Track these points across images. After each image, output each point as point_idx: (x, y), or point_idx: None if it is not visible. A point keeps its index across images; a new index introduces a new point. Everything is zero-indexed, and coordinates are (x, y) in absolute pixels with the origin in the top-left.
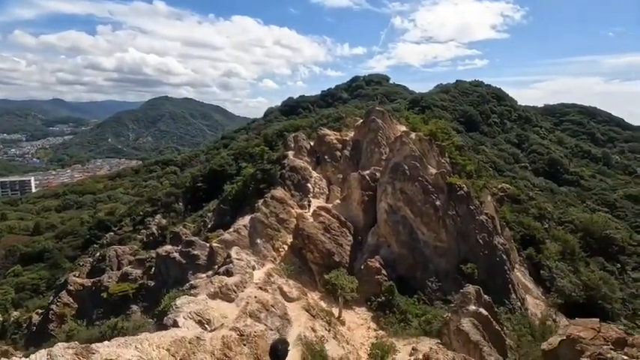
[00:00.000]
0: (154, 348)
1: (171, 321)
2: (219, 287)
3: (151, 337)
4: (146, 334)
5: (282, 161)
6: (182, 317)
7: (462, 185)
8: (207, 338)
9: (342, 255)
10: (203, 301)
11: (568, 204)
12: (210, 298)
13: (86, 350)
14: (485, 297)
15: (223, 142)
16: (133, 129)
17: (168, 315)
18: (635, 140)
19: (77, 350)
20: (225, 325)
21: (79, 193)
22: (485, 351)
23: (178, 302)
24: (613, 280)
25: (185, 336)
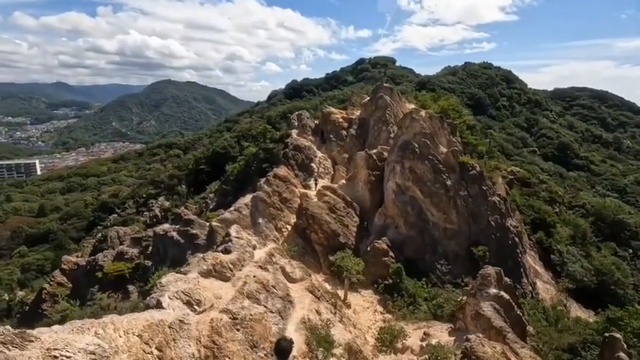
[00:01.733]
0: (120, 334)
1: (155, 301)
2: (212, 265)
3: (118, 321)
4: (112, 317)
5: (285, 140)
6: (167, 297)
7: (474, 165)
8: (193, 322)
9: (348, 236)
10: (194, 280)
11: (577, 189)
12: (202, 277)
13: (21, 337)
14: (506, 279)
15: (226, 125)
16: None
17: (152, 295)
18: None
19: (7, 338)
20: (216, 306)
21: (83, 176)
22: (510, 338)
23: (164, 280)
24: (625, 266)
25: (164, 319)
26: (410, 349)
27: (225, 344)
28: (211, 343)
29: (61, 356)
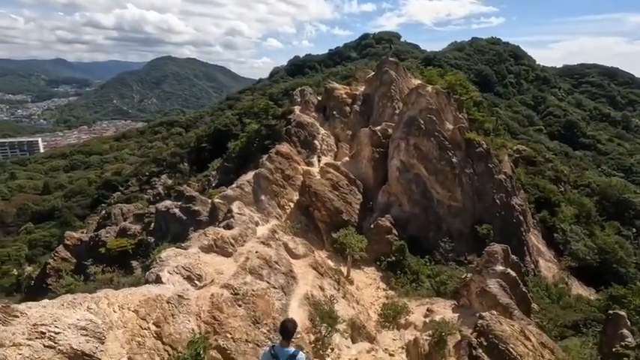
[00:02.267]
0: (115, 309)
1: (154, 276)
2: (213, 240)
3: (113, 295)
4: (107, 291)
5: (287, 116)
6: (167, 272)
7: (481, 142)
8: (192, 297)
9: (351, 213)
10: (194, 255)
11: (582, 168)
12: (203, 252)
13: (4, 312)
14: (512, 257)
15: (228, 103)
16: (137, 90)
17: (151, 269)
18: None
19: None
20: (217, 282)
21: (85, 154)
22: (517, 315)
23: (163, 255)
24: (628, 245)
25: (162, 294)
26: (413, 325)
27: (226, 320)
28: (212, 319)
29: (48, 332)
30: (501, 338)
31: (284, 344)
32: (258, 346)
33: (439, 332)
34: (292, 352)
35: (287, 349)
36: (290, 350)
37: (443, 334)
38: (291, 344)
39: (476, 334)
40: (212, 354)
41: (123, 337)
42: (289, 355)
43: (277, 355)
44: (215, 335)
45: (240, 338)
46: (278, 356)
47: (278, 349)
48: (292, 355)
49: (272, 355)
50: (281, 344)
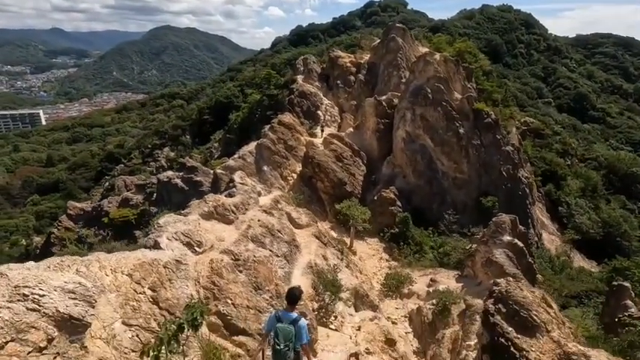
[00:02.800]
0: (107, 272)
1: (152, 242)
2: (214, 207)
3: (105, 259)
4: (99, 254)
5: (290, 86)
6: (165, 238)
7: (489, 112)
8: (191, 262)
9: (355, 185)
10: (194, 222)
11: (590, 141)
12: (203, 219)
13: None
14: (520, 227)
15: (229, 75)
16: (137, 61)
17: (149, 235)
18: None
19: None
20: (217, 247)
21: (87, 126)
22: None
23: (161, 221)
24: (633, 219)
25: (158, 258)
26: (416, 295)
27: (226, 286)
28: (211, 285)
29: (32, 294)
30: (523, 305)
31: (289, 309)
32: (260, 313)
33: (443, 301)
34: (295, 317)
35: (291, 313)
36: (293, 315)
37: (447, 302)
38: (295, 311)
39: (492, 300)
40: (212, 319)
41: (116, 302)
42: (292, 320)
43: (281, 319)
44: (215, 301)
45: (240, 304)
46: (282, 319)
47: (283, 313)
48: (295, 320)
49: (277, 318)
50: (286, 309)
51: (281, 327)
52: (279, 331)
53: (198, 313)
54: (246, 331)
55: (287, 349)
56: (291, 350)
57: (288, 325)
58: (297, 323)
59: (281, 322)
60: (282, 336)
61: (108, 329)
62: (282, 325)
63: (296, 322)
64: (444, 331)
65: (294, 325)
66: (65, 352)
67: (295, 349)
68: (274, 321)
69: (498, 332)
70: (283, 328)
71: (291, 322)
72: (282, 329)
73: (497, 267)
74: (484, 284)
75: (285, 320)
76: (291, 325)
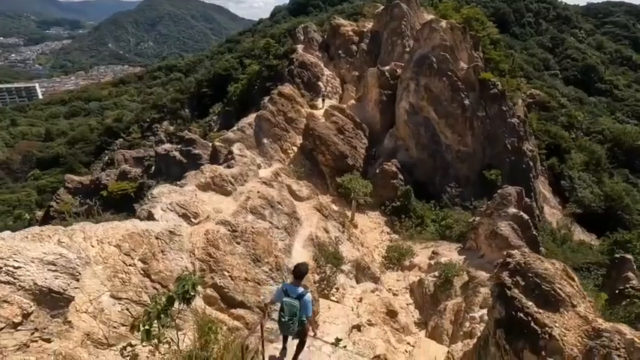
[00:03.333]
0: (93, 243)
1: (146, 213)
2: (211, 177)
3: (90, 229)
4: (84, 224)
5: (290, 56)
6: (160, 209)
7: (496, 82)
8: (185, 233)
9: (356, 158)
10: (190, 192)
11: (595, 115)
12: (200, 190)
13: None
14: (526, 200)
15: (227, 46)
16: (133, 33)
17: (142, 206)
18: None
19: None
20: (213, 218)
21: (84, 100)
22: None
23: (155, 191)
24: (635, 192)
25: (150, 229)
26: (417, 267)
27: (223, 257)
28: (207, 256)
29: (5, 266)
30: (545, 277)
31: (295, 283)
32: (259, 285)
33: (446, 273)
34: (301, 291)
35: (297, 288)
36: (299, 290)
37: (449, 275)
38: (300, 285)
39: (508, 272)
40: (208, 292)
41: (103, 274)
42: (298, 294)
43: (287, 292)
44: (211, 273)
45: (238, 276)
46: (288, 293)
47: (289, 286)
48: (301, 294)
49: (283, 291)
50: (292, 283)
51: (287, 301)
52: (285, 305)
53: (190, 286)
54: (245, 304)
55: (291, 322)
56: (295, 322)
57: (293, 300)
58: (303, 298)
59: (288, 296)
60: (288, 310)
61: (95, 303)
62: (288, 299)
63: (301, 296)
64: (446, 303)
65: (300, 299)
66: (45, 327)
67: (300, 321)
68: (281, 294)
69: (516, 307)
70: (289, 303)
71: (296, 297)
72: (288, 303)
73: (501, 239)
74: (487, 257)
75: (292, 294)
76: (297, 300)
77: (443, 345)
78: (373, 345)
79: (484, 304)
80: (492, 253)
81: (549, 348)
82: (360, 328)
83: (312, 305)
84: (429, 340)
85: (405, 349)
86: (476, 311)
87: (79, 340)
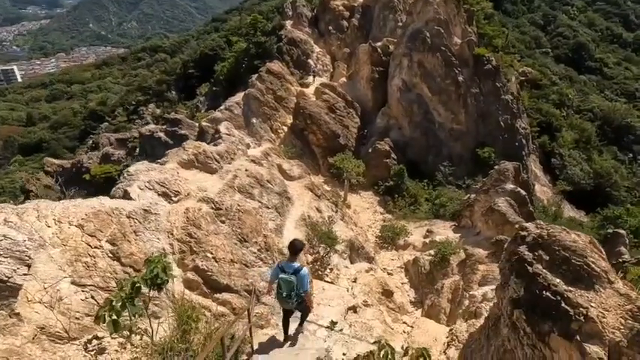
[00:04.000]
0: (49, 222)
1: (121, 192)
2: (194, 154)
3: (47, 207)
4: (38, 202)
5: (278, 32)
6: (137, 187)
7: (490, 58)
8: (163, 212)
9: (348, 137)
10: (172, 170)
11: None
12: (183, 168)
13: None
14: (523, 175)
15: (214, 25)
16: (115, 12)
17: (117, 185)
18: None
19: None
20: (194, 195)
21: (66, 83)
22: None
23: (132, 169)
24: (623, 169)
25: (121, 207)
26: (412, 246)
27: (205, 238)
28: (187, 237)
29: None
30: (575, 250)
31: (291, 260)
32: (247, 267)
33: (442, 251)
34: (297, 267)
35: (293, 264)
36: (295, 265)
37: (446, 252)
38: (297, 261)
39: (526, 247)
40: (189, 276)
41: (62, 258)
42: (295, 269)
43: (284, 269)
44: (192, 255)
45: (223, 258)
46: (284, 269)
47: (285, 264)
48: (297, 269)
49: (280, 268)
50: (289, 260)
51: (283, 277)
52: (282, 282)
53: (160, 269)
54: (231, 288)
55: (289, 297)
56: (294, 298)
57: (290, 276)
58: (299, 273)
59: (284, 272)
60: (285, 285)
61: (51, 291)
62: (285, 275)
63: (297, 271)
64: (443, 282)
65: (296, 274)
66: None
67: (299, 295)
68: (278, 271)
69: (541, 284)
70: (285, 279)
71: (293, 272)
72: (284, 280)
73: (498, 215)
74: (483, 234)
75: (288, 270)
76: (293, 275)
77: (441, 324)
78: (370, 327)
79: (483, 281)
80: (489, 230)
81: (585, 331)
82: (356, 310)
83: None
84: (427, 320)
85: (403, 330)
86: (475, 289)
87: (29, 334)
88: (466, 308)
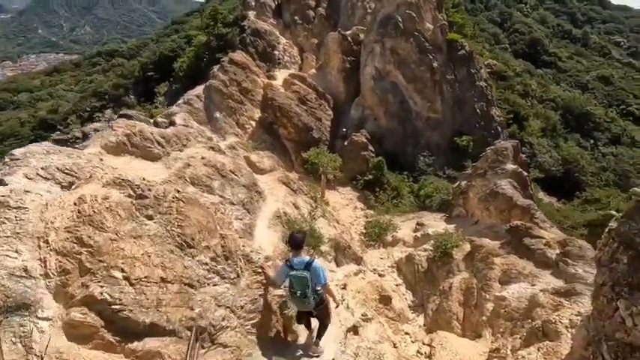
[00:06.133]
0: None
1: None
2: (126, 135)
3: None
4: None
5: (241, 23)
6: (22, 175)
7: (463, 43)
8: (34, 206)
9: (322, 131)
10: (93, 156)
11: (543, 85)
12: (109, 153)
13: None
14: (521, 155)
15: (174, 28)
16: (66, 17)
17: None
18: (612, 21)
19: None
20: (100, 178)
21: (12, 92)
22: (539, 217)
23: (18, 152)
24: (587, 155)
25: None
26: (402, 242)
27: (112, 245)
28: (76, 244)
29: None
30: None
31: (297, 254)
32: (192, 287)
33: (443, 244)
34: (307, 260)
35: (303, 258)
36: (305, 259)
37: (447, 246)
38: (304, 253)
39: (616, 240)
40: (75, 316)
41: None
42: (306, 263)
43: (293, 265)
44: (83, 276)
45: (146, 278)
46: (294, 266)
47: (292, 259)
48: (309, 263)
49: (288, 266)
50: (294, 255)
51: (295, 274)
52: (294, 279)
53: None
54: (160, 328)
55: (304, 296)
56: (311, 295)
57: (302, 272)
58: (311, 266)
59: (294, 269)
60: (297, 283)
61: None
62: (296, 272)
63: (309, 265)
64: (450, 281)
65: (308, 268)
66: None
67: (316, 291)
68: (286, 269)
69: None
70: (297, 275)
71: (304, 267)
72: (296, 277)
73: (503, 200)
74: (483, 222)
75: (299, 265)
76: (305, 271)
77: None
78: (379, 354)
79: (505, 278)
80: (490, 218)
81: None
82: (357, 330)
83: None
84: (449, 335)
85: (419, 350)
86: (498, 289)
87: None
88: (492, 314)
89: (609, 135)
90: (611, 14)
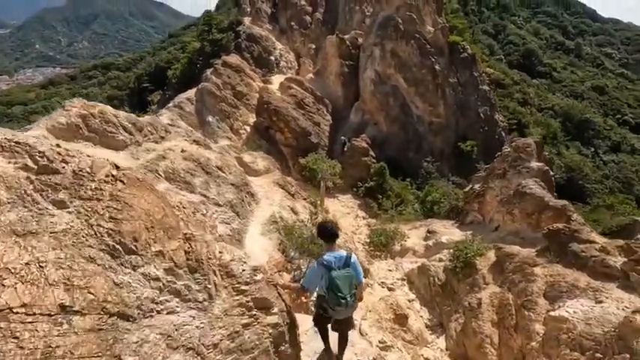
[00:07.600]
0: None
1: None
2: (81, 117)
3: None
4: None
5: (236, 29)
6: None
7: (465, 46)
8: None
9: (320, 136)
10: (32, 140)
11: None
12: (60, 139)
13: None
14: (545, 153)
15: (170, 41)
16: (64, 32)
17: None
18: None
19: None
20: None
21: (7, 105)
22: (576, 219)
23: None
24: (588, 163)
25: None
26: (411, 251)
27: None
28: None
29: None
30: None
31: (331, 248)
32: (126, 320)
33: (464, 253)
34: (346, 254)
35: (338, 252)
36: (342, 253)
37: (470, 255)
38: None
39: None
40: None
41: None
42: (345, 258)
43: (330, 263)
44: None
45: (26, 307)
46: (331, 263)
47: (329, 256)
48: (348, 257)
49: (324, 266)
50: (328, 249)
51: (338, 274)
52: (338, 281)
53: None
54: None
55: (354, 299)
56: (354, 295)
57: (346, 270)
58: (351, 260)
59: (332, 268)
60: (344, 283)
61: None
62: (338, 271)
63: (349, 258)
64: (478, 295)
65: (350, 264)
66: None
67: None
68: (323, 270)
69: None
70: (342, 275)
71: (345, 262)
72: (342, 276)
73: (531, 201)
74: (506, 228)
75: (336, 261)
76: (348, 267)
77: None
78: None
79: (553, 292)
80: (514, 223)
81: None
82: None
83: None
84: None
85: None
86: (544, 306)
87: None
88: (548, 340)
89: (609, 143)
90: (601, 27)
